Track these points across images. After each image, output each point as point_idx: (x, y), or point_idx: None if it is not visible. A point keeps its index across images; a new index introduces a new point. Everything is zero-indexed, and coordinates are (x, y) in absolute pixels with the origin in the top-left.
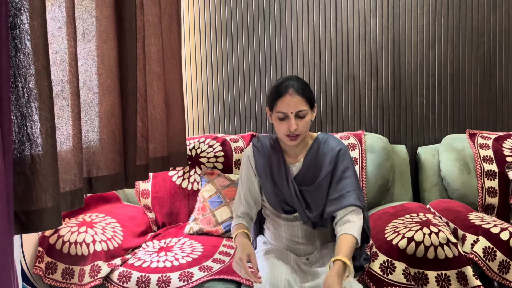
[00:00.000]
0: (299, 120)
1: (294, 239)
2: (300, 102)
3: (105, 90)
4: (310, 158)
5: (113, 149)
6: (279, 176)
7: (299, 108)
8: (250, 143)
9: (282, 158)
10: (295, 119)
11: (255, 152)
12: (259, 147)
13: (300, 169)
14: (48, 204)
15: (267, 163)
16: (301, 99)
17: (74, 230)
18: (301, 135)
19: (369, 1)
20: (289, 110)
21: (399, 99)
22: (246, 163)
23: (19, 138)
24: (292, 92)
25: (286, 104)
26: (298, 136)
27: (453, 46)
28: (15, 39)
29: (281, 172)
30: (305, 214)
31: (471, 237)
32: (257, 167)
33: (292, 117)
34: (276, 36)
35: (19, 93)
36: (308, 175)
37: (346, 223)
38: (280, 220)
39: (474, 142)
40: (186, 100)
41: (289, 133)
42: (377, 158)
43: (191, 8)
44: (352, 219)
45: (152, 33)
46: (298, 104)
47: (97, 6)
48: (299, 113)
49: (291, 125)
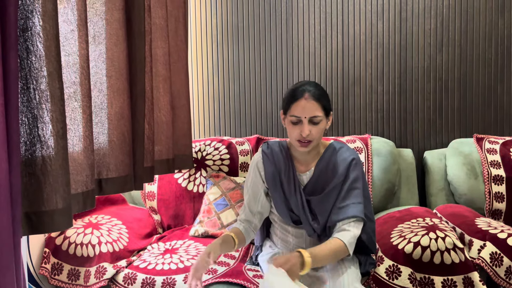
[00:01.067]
0: (312, 126)
1: (301, 245)
2: (315, 107)
3: (115, 92)
4: (321, 167)
5: (123, 151)
6: (288, 185)
7: (314, 113)
8: (259, 149)
9: (292, 167)
10: (308, 125)
11: (264, 159)
12: (268, 154)
13: (311, 178)
14: (59, 205)
15: (276, 170)
16: (316, 105)
17: (80, 232)
18: (313, 142)
19: (376, 5)
20: (303, 115)
21: (405, 103)
22: (254, 170)
23: (30, 140)
24: (308, 97)
25: (301, 108)
26: (310, 143)
27: (460, 50)
28: (26, 41)
29: (290, 181)
30: (310, 226)
31: (478, 242)
32: (266, 174)
33: (305, 122)
34: (282, 39)
35: (30, 94)
36: (318, 185)
37: (341, 231)
38: (288, 227)
39: (482, 147)
40: (192, 103)
41: (301, 138)
42: (383, 162)
43: (198, 12)
44: (348, 228)
45: (159, 36)
46: (313, 109)
47: (107, 9)
48: (313, 118)
49: (304, 130)
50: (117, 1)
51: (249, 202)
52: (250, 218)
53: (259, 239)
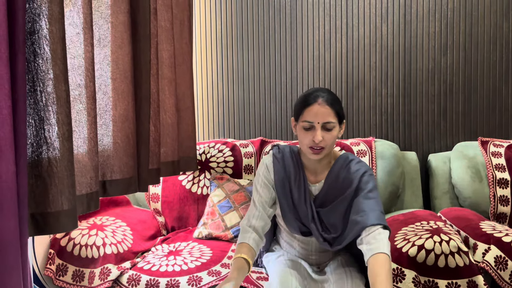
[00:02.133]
0: (325, 133)
1: (308, 250)
2: (328, 112)
3: (120, 95)
4: (331, 180)
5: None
6: (298, 194)
7: (327, 119)
8: (270, 152)
9: (303, 175)
10: (321, 131)
11: (274, 163)
12: (279, 159)
13: (321, 191)
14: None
15: (286, 177)
16: (330, 110)
17: (85, 233)
18: (325, 149)
19: (380, 7)
20: (316, 120)
21: (410, 106)
22: (264, 172)
23: (37, 141)
24: (322, 102)
25: (314, 114)
26: (322, 150)
27: (465, 53)
28: (33, 44)
29: (301, 190)
30: (320, 236)
31: (483, 246)
32: (276, 180)
33: (318, 128)
34: (286, 42)
35: (37, 97)
36: (328, 197)
37: (373, 240)
38: (295, 233)
39: (486, 150)
40: (197, 105)
41: (313, 144)
42: (388, 165)
43: (203, 15)
44: (379, 237)
45: (164, 38)
46: (326, 115)
47: (113, 12)
48: (326, 124)
49: (316, 136)
50: (122, 5)
51: (260, 202)
52: (265, 216)
53: (265, 244)
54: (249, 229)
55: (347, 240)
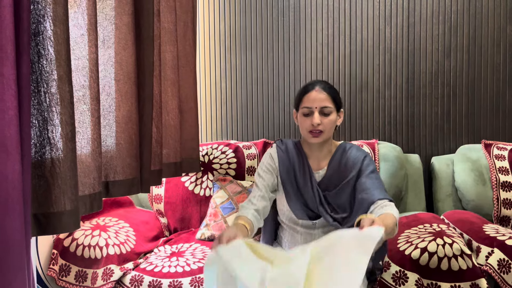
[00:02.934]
0: (323, 117)
1: None
2: (325, 98)
3: (123, 96)
4: (333, 166)
5: (130, 154)
6: (304, 181)
7: (324, 104)
8: (274, 144)
9: (307, 163)
10: (319, 115)
11: (279, 153)
12: (283, 149)
13: (324, 176)
14: (67, 207)
15: (291, 166)
16: (326, 96)
17: (88, 234)
18: (324, 133)
19: (383, 10)
20: (314, 105)
21: (413, 109)
22: (268, 160)
23: (40, 142)
24: (319, 89)
25: (312, 99)
26: (321, 133)
27: (468, 55)
28: (38, 45)
29: (306, 177)
30: (330, 216)
31: (486, 249)
32: (280, 169)
33: (316, 112)
34: (290, 44)
35: (41, 97)
36: (331, 182)
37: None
38: (298, 227)
39: (490, 153)
40: (200, 107)
41: (312, 128)
42: (390, 167)
43: (206, 16)
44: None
45: (167, 40)
46: (323, 100)
47: (117, 13)
48: (324, 109)
49: (315, 119)
50: (126, 6)
51: (264, 186)
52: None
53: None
54: (249, 206)
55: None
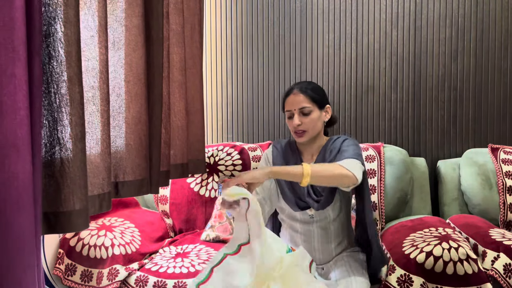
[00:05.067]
0: (303, 117)
1: (310, 244)
2: (302, 99)
3: (133, 97)
4: (321, 155)
5: (139, 155)
6: None
7: (302, 105)
8: (270, 145)
9: (299, 158)
10: (299, 116)
11: (274, 152)
12: (278, 148)
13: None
14: (76, 206)
15: (284, 161)
16: (303, 97)
17: (94, 233)
18: (307, 132)
19: (390, 13)
20: (292, 107)
21: (419, 112)
22: (265, 160)
23: (50, 142)
24: (296, 91)
25: (291, 102)
26: (304, 133)
27: (475, 59)
28: (49, 46)
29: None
30: (316, 202)
31: (492, 254)
32: (275, 165)
33: (296, 114)
34: (296, 46)
35: (51, 98)
36: None
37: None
38: (297, 223)
39: (496, 157)
40: (206, 108)
41: (295, 129)
42: (396, 170)
43: (213, 18)
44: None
45: (175, 42)
46: (301, 101)
47: (127, 15)
48: (303, 109)
49: (295, 120)
50: (136, 8)
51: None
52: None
53: None
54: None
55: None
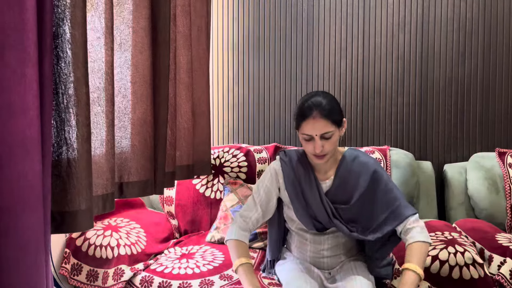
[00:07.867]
0: (325, 141)
1: (320, 252)
2: (324, 124)
3: (139, 98)
4: (340, 176)
5: (144, 156)
6: (311, 193)
7: (324, 130)
8: (277, 157)
9: (313, 174)
10: (320, 140)
11: (283, 167)
12: (287, 162)
13: (331, 187)
14: (82, 206)
15: (296, 178)
16: (325, 122)
17: (100, 234)
18: (328, 155)
19: (397, 16)
20: (313, 133)
21: (426, 115)
22: (271, 176)
23: (58, 142)
24: (316, 115)
25: (311, 127)
26: (325, 156)
27: (483, 62)
28: (57, 48)
29: (313, 188)
30: (347, 229)
31: (498, 258)
32: (286, 182)
33: (317, 139)
34: (302, 49)
35: (59, 99)
36: (339, 192)
37: (411, 230)
38: (307, 234)
39: (504, 161)
40: (212, 110)
41: (315, 153)
42: (402, 174)
43: (220, 21)
44: (415, 225)
45: (182, 44)
46: (322, 126)
47: (134, 17)
48: (325, 135)
49: (317, 147)
50: (143, 10)
51: (261, 203)
52: (260, 219)
53: (273, 253)
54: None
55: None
